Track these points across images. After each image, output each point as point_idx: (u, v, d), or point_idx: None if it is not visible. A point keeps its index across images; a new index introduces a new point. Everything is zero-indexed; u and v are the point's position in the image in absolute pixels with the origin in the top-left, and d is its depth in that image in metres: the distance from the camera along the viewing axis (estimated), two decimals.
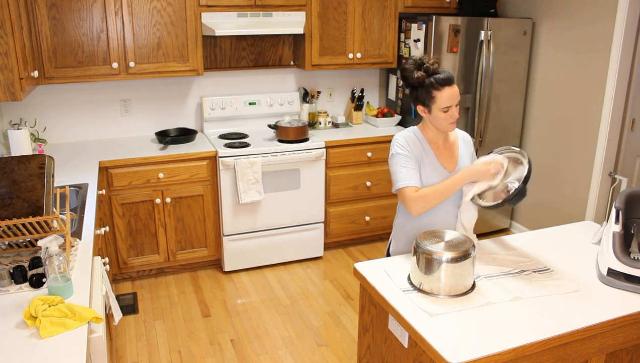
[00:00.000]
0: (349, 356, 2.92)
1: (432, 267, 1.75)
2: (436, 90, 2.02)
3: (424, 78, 2.04)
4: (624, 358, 1.81)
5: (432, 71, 2.03)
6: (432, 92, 2.03)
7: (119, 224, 3.48)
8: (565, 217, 3.96)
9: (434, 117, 2.08)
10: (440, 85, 2.02)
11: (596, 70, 3.62)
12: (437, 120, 2.08)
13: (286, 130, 3.75)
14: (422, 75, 2.03)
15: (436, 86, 2.02)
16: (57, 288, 1.70)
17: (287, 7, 3.78)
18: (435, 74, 2.03)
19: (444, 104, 2.03)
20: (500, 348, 1.51)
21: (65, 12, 3.30)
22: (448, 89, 2.02)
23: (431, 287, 1.77)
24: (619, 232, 1.88)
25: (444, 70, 2.05)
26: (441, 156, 2.18)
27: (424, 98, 2.06)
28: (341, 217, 4.06)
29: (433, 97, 2.03)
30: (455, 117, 2.07)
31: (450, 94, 2.03)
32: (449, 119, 2.06)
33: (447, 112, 2.05)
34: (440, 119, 2.07)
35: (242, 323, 3.23)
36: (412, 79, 2.06)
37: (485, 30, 3.92)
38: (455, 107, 2.06)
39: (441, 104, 2.03)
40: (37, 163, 2.00)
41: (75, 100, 3.75)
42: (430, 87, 2.03)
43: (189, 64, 3.65)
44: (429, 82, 2.03)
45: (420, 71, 2.04)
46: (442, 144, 2.19)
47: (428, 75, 2.03)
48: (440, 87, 2.02)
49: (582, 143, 3.80)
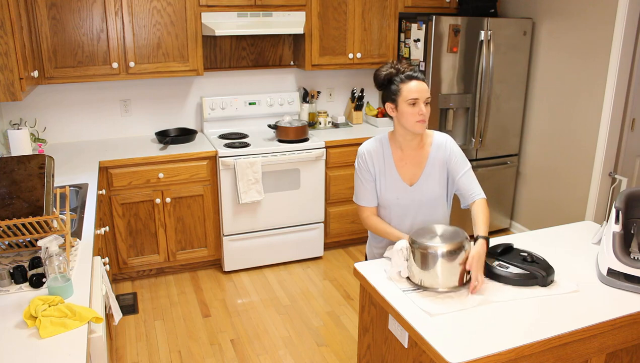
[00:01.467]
0: (349, 356, 2.93)
1: (428, 262, 1.78)
2: (402, 83, 2.01)
3: (392, 75, 2.05)
4: (624, 358, 1.81)
5: (402, 70, 2.04)
6: (399, 85, 2.02)
7: (119, 224, 3.48)
8: (565, 217, 3.96)
9: (401, 114, 2.04)
10: (407, 78, 2.02)
11: (596, 70, 3.62)
12: (405, 117, 2.04)
13: (286, 130, 3.75)
14: (391, 72, 2.05)
15: (403, 79, 2.02)
16: (57, 288, 1.70)
17: (287, 7, 3.78)
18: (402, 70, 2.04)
19: (410, 95, 1.99)
20: (500, 348, 1.51)
21: (65, 12, 3.30)
22: (415, 82, 2.01)
23: (432, 282, 1.79)
24: (619, 232, 1.88)
25: (415, 70, 2.05)
26: (403, 167, 2.15)
27: (391, 93, 2.05)
28: (341, 217, 4.06)
29: (399, 89, 2.02)
30: (423, 115, 2.01)
31: (417, 86, 2.00)
32: (416, 115, 2.01)
33: (414, 106, 2.00)
34: (407, 114, 2.02)
35: (242, 323, 3.23)
36: (380, 76, 2.07)
37: (485, 30, 3.92)
38: (424, 104, 2.01)
39: (407, 96, 2.00)
40: (37, 163, 2.00)
41: (75, 100, 3.75)
42: (398, 80, 2.03)
43: (189, 64, 3.65)
44: (397, 77, 2.03)
45: (390, 69, 2.06)
46: (409, 152, 2.15)
47: (397, 71, 2.05)
48: (407, 79, 2.01)
49: (582, 143, 3.80)
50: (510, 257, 1.94)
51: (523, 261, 1.90)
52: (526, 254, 1.93)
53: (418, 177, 2.15)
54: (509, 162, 4.33)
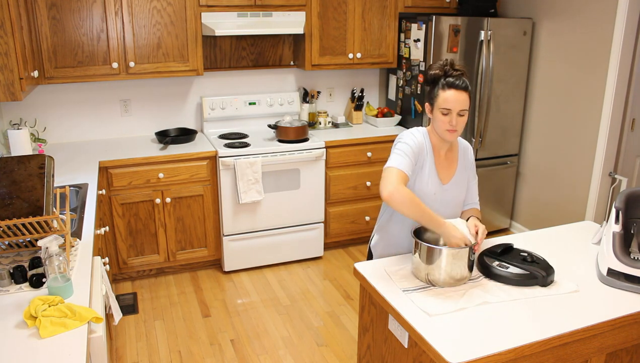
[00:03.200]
0: (349, 356, 2.93)
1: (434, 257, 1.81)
2: (441, 90, 2.02)
3: (438, 77, 2.05)
4: (624, 358, 1.81)
5: (450, 74, 2.04)
6: (438, 91, 2.03)
7: (119, 224, 3.48)
8: (565, 217, 3.96)
9: (435, 118, 2.07)
10: (448, 86, 2.01)
11: (596, 70, 3.62)
12: (437, 122, 2.07)
13: (286, 130, 3.75)
14: (437, 74, 2.05)
15: (443, 85, 2.02)
16: (57, 288, 1.70)
17: (287, 7, 3.78)
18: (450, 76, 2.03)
19: (444, 104, 2.01)
20: (500, 348, 1.51)
21: (65, 12, 3.30)
22: (453, 92, 2.00)
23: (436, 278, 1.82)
24: (619, 232, 1.88)
25: (461, 78, 2.03)
26: (440, 165, 2.16)
27: (432, 95, 2.07)
28: (341, 217, 4.06)
29: (437, 95, 2.03)
30: (453, 125, 2.03)
31: (454, 97, 2.00)
32: (446, 124, 2.03)
33: (445, 115, 2.02)
34: (439, 121, 2.05)
35: (242, 323, 3.23)
36: (429, 74, 2.08)
37: (485, 30, 3.92)
38: (456, 115, 2.01)
39: (441, 104, 2.02)
40: (37, 163, 2.00)
41: (75, 100, 3.75)
42: (439, 86, 2.03)
43: (189, 64, 3.65)
44: (440, 81, 2.04)
45: (437, 70, 2.05)
46: (443, 153, 2.17)
47: (444, 75, 2.04)
48: (447, 87, 2.01)
49: (582, 143, 3.80)
50: (510, 257, 1.94)
51: (523, 261, 1.90)
52: (526, 254, 1.93)
53: (450, 178, 2.17)
54: (509, 162, 4.33)
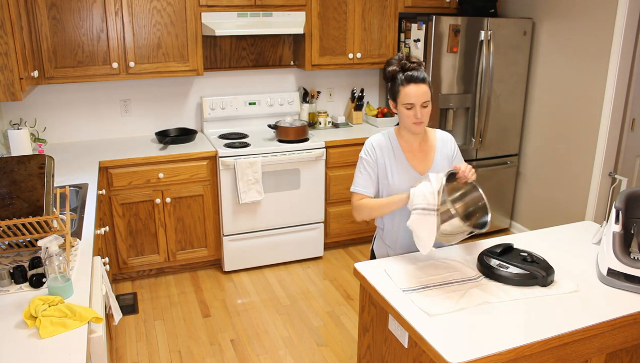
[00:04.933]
0: (349, 356, 2.93)
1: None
2: (401, 85, 2.03)
3: (396, 73, 2.05)
4: (624, 358, 1.81)
5: (407, 68, 2.04)
6: (399, 87, 2.04)
7: (119, 224, 3.48)
8: (565, 217, 3.96)
9: (400, 113, 2.09)
10: (407, 81, 2.02)
11: (596, 70, 3.62)
12: (402, 118, 2.08)
13: (286, 130, 3.75)
14: (395, 70, 2.05)
15: (402, 81, 2.03)
16: (57, 288, 1.70)
17: (287, 7, 3.78)
18: (407, 70, 2.03)
19: (406, 100, 2.02)
20: (500, 348, 1.51)
21: (65, 12, 3.30)
22: (413, 86, 2.01)
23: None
24: (619, 232, 1.88)
25: (419, 70, 2.04)
26: (414, 159, 2.18)
27: (393, 92, 2.08)
28: (341, 217, 4.06)
29: (398, 91, 2.04)
30: (419, 118, 2.04)
31: (415, 91, 2.01)
32: (412, 118, 2.04)
33: (410, 110, 2.04)
34: (404, 116, 2.07)
35: (242, 323, 3.23)
36: (387, 71, 2.08)
37: (485, 30, 3.92)
38: (420, 108, 2.03)
39: (404, 100, 2.03)
40: (37, 163, 2.00)
41: (75, 100, 3.75)
42: (399, 82, 2.04)
43: (189, 64, 3.65)
44: (399, 77, 2.04)
45: (394, 65, 2.06)
46: (417, 146, 2.19)
47: (401, 70, 2.04)
48: (406, 83, 2.02)
49: (582, 143, 3.80)
50: (510, 257, 1.94)
51: (523, 261, 1.90)
52: (526, 254, 1.93)
53: (429, 166, 2.19)
54: (509, 162, 4.33)
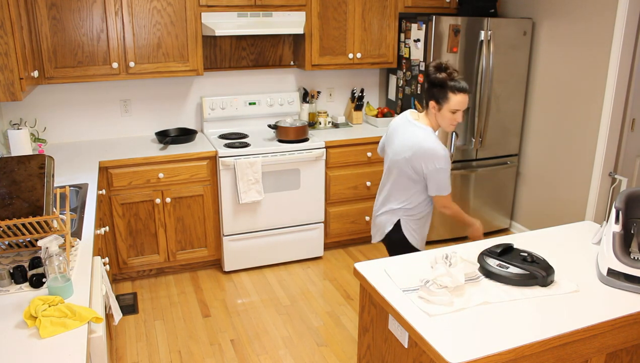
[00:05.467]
0: (349, 356, 2.93)
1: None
2: (452, 93, 2.32)
3: (446, 80, 2.33)
4: (624, 358, 1.81)
5: (454, 78, 2.34)
6: (449, 94, 2.33)
7: (119, 224, 3.48)
8: (565, 217, 3.96)
9: (441, 116, 2.39)
10: (458, 90, 2.32)
11: (596, 70, 3.62)
12: (443, 119, 2.39)
13: (286, 130, 3.75)
14: (445, 77, 2.33)
15: (454, 90, 2.32)
16: (57, 288, 1.70)
17: (287, 7, 3.78)
18: (455, 80, 2.33)
19: (455, 106, 2.34)
20: (500, 348, 1.51)
21: (65, 12, 3.30)
22: (462, 95, 2.33)
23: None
24: (619, 232, 1.88)
25: (462, 79, 2.36)
26: None
27: (439, 96, 2.35)
28: (341, 217, 4.06)
29: (448, 98, 2.33)
30: (458, 121, 2.38)
31: (463, 100, 2.34)
32: (453, 121, 2.38)
33: (454, 114, 2.36)
34: (446, 118, 2.38)
35: (242, 323, 3.23)
36: (435, 78, 2.35)
37: (485, 30, 3.92)
38: (461, 113, 2.36)
39: (452, 106, 2.34)
40: (37, 163, 2.00)
41: (75, 100, 3.75)
42: (449, 89, 2.32)
43: (189, 64, 3.65)
44: (450, 84, 2.32)
45: (443, 73, 2.33)
46: None
47: (449, 78, 2.33)
48: (457, 91, 2.32)
49: (582, 143, 3.80)
50: (510, 257, 1.94)
51: (523, 261, 1.90)
52: (526, 254, 1.93)
53: None
54: (509, 162, 4.33)
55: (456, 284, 1.76)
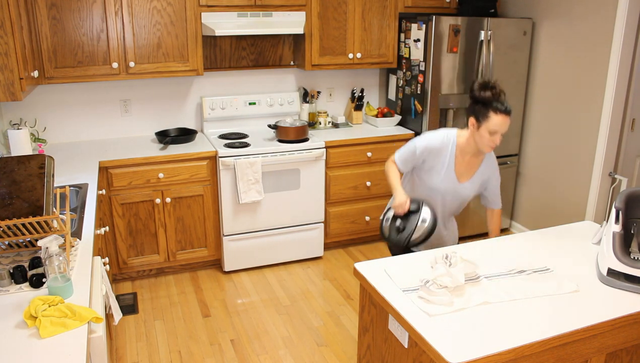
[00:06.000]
0: (349, 356, 2.93)
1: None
2: (493, 112, 2.24)
3: (490, 99, 2.26)
4: (624, 358, 1.81)
5: (500, 99, 2.27)
6: (490, 113, 2.25)
7: (119, 224, 3.48)
8: (565, 217, 3.96)
9: (479, 134, 2.31)
10: (500, 111, 2.24)
11: (596, 70, 3.62)
12: (481, 138, 2.31)
13: (286, 130, 3.75)
14: (490, 96, 2.26)
15: (496, 109, 2.24)
16: (57, 288, 1.70)
17: (287, 7, 3.78)
18: (500, 101, 2.26)
19: (495, 127, 2.25)
20: (500, 348, 1.52)
21: (65, 12, 3.30)
22: (503, 117, 2.25)
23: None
24: (619, 232, 1.89)
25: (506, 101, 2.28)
26: (460, 166, 2.44)
27: (480, 114, 2.29)
28: (341, 217, 4.06)
29: (489, 117, 2.25)
30: (496, 143, 2.30)
31: (504, 121, 2.25)
32: (491, 142, 2.29)
33: (492, 136, 2.28)
34: (484, 138, 2.30)
35: (242, 323, 3.23)
36: (479, 95, 2.28)
37: (485, 30, 3.92)
38: (499, 135, 2.28)
39: (492, 126, 2.25)
40: (37, 163, 2.00)
41: (75, 100, 3.75)
42: (492, 108, 2.25)
43: (189, 64, 3.65)
44: (494, 104, 2.25)
45: (488, 91, 2.26)
46: (468, 157, 2.43)
47: (494, 97, 2.26)
48: (499, 112, 2.24)
49: (582, 143, 3.80)
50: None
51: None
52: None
53: (467, 179, 2.47)
54: (509, 162, 4.33)
55: (456, 284, 1.76)
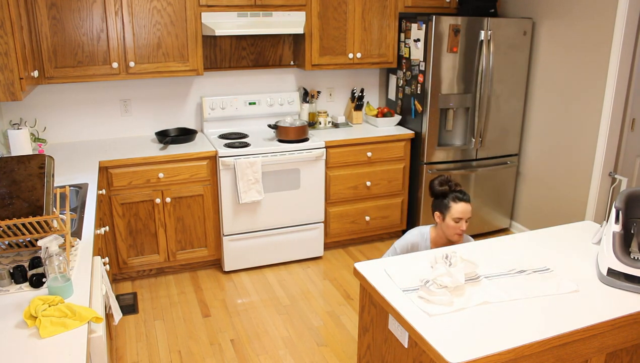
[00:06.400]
0: (349, 356, 2.93)
1: None
2: (453, 202, 2.47)
3: (447, 191, 2.51)
4: (624, 358, 1.81)
5: (455, 189, 2.51)
6: (450, 203, 2.48)
7: (119, 224, 3.48)
8: (565, 217, 3.96)
9: (446, 225, 2.51)
10: (459, 199, 2.48)
11: (596, 70, 3.62)
12: (448, 228, 2.50)
13: (286, 130, 3.75)
14: (446, 189, 2.51)
15: (455, 199, 2.48)
16: (57, 288, 1.70)
17: (287, 7, 3.78)
18: (457, 191, 2.50)
19: (456, 215, 2.46)
20: (500, 348, 1.52)
21: (65, 12, 3.30)
22: (463, 204, 2.47)
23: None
24: (619, 232, 1.89)
25: (464, 191, 2.53)
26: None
27: (442, 207, 2.51)
28: (341, 217, 4.06)
29: (450, 207, 2.48)
30: (463, 229, 2.48)
31: (464, 208, 2.47)
32: (457, 229, 2.48)
33: (457, 223, 2.47)
34: (451, 227, 2.49)
35: (242, 323, 3.23)
36: (438, 190, 2.53)
37: (485, 30, 3.92)
38: (464, 222, 2.48)
39: (454, 215, 2.47)
40: (37, 163, 2.00)
41: (75, 100, 3.75)
42: (450, 199, 2.49)
43: (188, 64, 3.65)
44: (451, 195, 2.49)
45: (445, 185, 2.51)
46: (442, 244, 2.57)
47: (450, 190, 2.50)
48: (458, 201, 2.47)
49: (582, 143, 3.80)
50: None
51: None
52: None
53: None
54: (509, 162, 4.33)
55: (456, 284, 1.76)
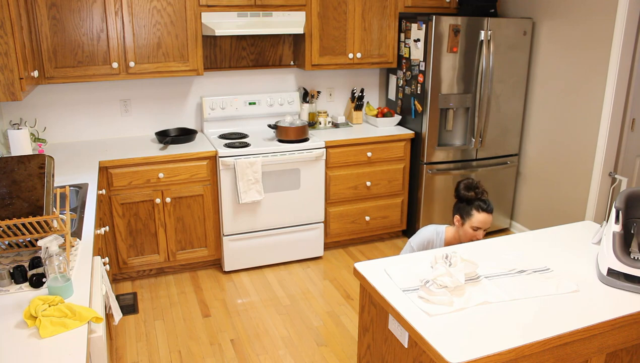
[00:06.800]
0: (349, 356, 2.93)
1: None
2: (476, 211, 2.48)
3: (473, 198, 2.49)
4: (624, 358, 1.81)
5: (481, 196, 2.50)
6: (473, 211, 2.48)
7: (119, 224, 3.48)
8: (565, 217, 3.96)
9: (464, 231, 2.52)
10: (482, 209, 2.47)
11: (596, 70, 3.62)
12: (465, 234, 2.52)
13: (286, 130, 3.75)
14: (473, 196, 2.50)
15: (478, 208, 2.48)
16: (57, 288, 1.70)
17: (287, 7, 3.78)
18: (482, 200, 2.49)
19: (478, 224, 2.48)
20: (500, 348, 1.52)
21: (65, 12, 3.30)
22: (485, 215, 2.48)
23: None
24: (619, 232, 1.89)
25: (489, 201, 2.52)
26: None
27: (464, 212, 2.51)
28: (341, 217, 4.06)
29: (472, 214, 2.48)
30: (478, 239, 2.46)
31: (486, 219, 2.48)
32: (474, 237, 2.48)
33: (475, 232, 2.48)
34: (468, 233, 2.50)
35: (242, 323, 3.23)
36: (464, 195, 2.52)
37: (485, 30, 3.92)
38: (482, 231, 2.49)
39: (475, 223, 2.48)
40: (37, 163, 2.00)
41: (75, 100, 3.75)
42: (474, 207, 2.48)
43: (189, 64, 3.65)
44: (475, 203, 2.48)
45: (472, 191, 2.50)
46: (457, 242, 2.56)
47: (476, 197, 2.49)
48: (481, 211, 2.47)
49: (582, 143, 3.80)
50: None
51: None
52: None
53: None
54: (509, 162, 4.33)
55: (456, 284, 1.76)
